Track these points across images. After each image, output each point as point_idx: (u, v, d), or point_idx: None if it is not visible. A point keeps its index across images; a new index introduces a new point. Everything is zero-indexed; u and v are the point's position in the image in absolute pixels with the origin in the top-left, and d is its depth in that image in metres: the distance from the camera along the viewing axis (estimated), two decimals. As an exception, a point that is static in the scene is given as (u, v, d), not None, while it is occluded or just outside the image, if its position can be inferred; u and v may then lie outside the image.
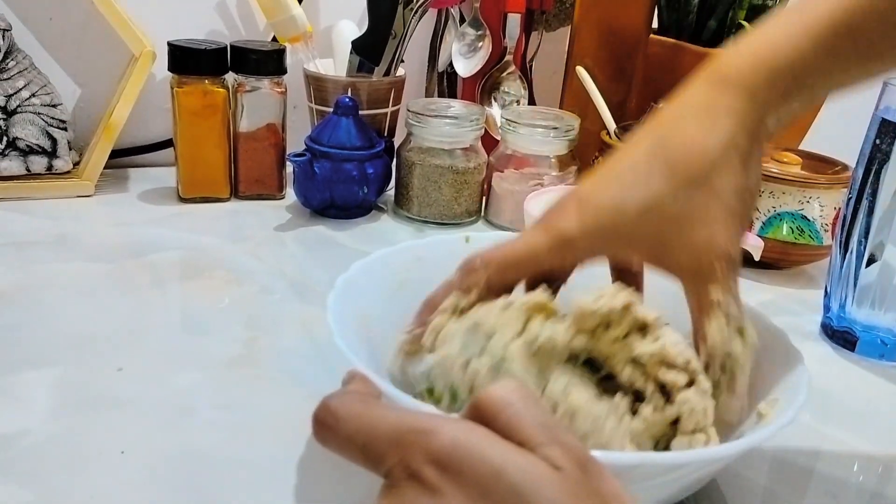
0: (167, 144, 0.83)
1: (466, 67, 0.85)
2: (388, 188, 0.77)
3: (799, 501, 0.42)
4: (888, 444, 0.48)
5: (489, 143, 0.78)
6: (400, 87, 0.78)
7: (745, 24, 0.79)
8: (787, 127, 0.39)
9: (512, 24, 0.84)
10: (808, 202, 0.67)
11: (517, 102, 0.86)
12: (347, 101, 0.71)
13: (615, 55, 0.79)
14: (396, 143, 0.77)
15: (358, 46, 0.76)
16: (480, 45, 0.84)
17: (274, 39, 0.80)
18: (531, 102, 0.88)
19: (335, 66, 0.81)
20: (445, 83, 0.89)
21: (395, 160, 0.76)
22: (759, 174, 0.37)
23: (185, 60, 0.71)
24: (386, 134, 0.79)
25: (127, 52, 0.74)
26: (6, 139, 0.72)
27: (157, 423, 0.43)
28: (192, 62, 0.71)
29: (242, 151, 0.75)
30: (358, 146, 0.71)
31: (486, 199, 0.77)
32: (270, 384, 0.48)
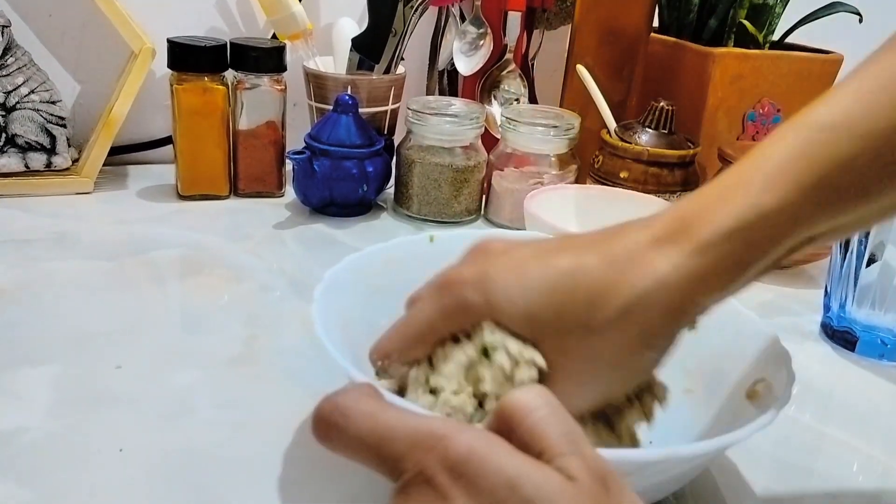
0: (166, 142, 0.82)
1: (467, 65, 0.85)
2: (387, 186, 0.77)
3: (798, 501, 0.42)
4: (888, 444, 0.48)
5: (489, 141, 0.77)
6: (400, 85, 0.78)
7: (745, 22, 0.79)
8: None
9: (512, 22, 0.84)
10: (808, 202, 0.67)
11: (517, 101, 0.86)
12: (347, 98, 0.71)
13: (616, 54, 0.79)
14: (396, 141, 0.77)
15: (358, 44, 0.76)
16: (481, 43, 0.84)
17: (274, 37, 0.80)
18: (531, 101, 0.88)
19: (335, 63, 0.81)
20: (446, 81, 0.89)
21: (394, 158, 0.76)
22: (658, 357, 0.32)
23: (184, 57, 0.71)
24: (386, 132, 0.79)
25: (126, 48, 0.74)
26: (5, 136, 0.72)
27: (155, 421, 0.43)
28: (191, 59, 0.71)
29: (242, 149, 0.75)
30: (358, 144, 0.71)
31: (485, 197, 0.77)
32: (270, 382, 0.48)
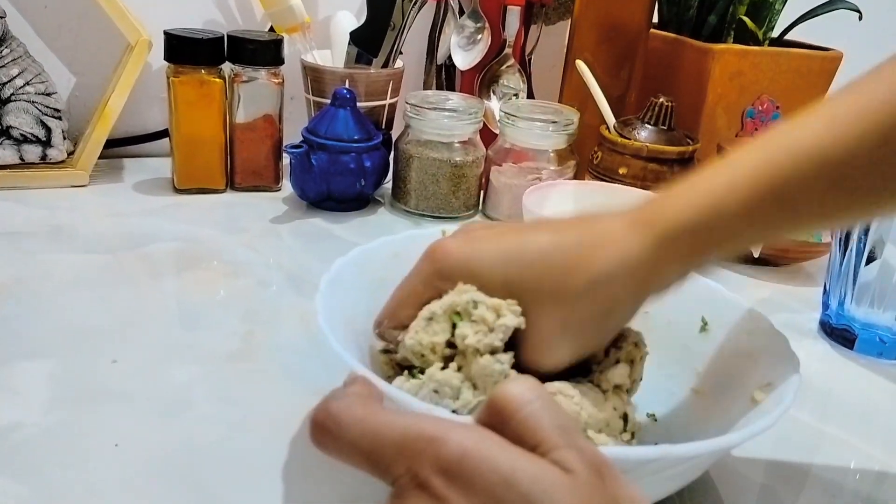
0: (163, 134, 0.82)
1: (465, 60, 0.84)
2: (385, 181, 0.76)
3: (796, 499, 0.42)
4: (886, 442, 0.48)
5: (487, 136, 0.77)
6: (398, 79, 0.78)
7: (745, 19, 0.79)
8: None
9: (511, 17, 0.83)
10: (807, 199, 0.67)
11: (516, 96, 0.85)
12: (345, 92, 0.71)
13: (615, 50, 0.79)
14: (394, 135, 0.77)
15: (356, 38, 0.76)
16: (479, 37, 0.84)
17: (271, 30, 0.79)
18: (530, 96, 0.88)
19: (333, 57, 0.81)
20: (444, 76, 0.89)
21: (392, 153, 0.76)
22: (620, 322, 0.36)
23: (181, 50, 0.70)
24: (384, 126, 0.79)
25: (123, 40, 0.74)
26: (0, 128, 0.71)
27: (152, 416, 0.43)
28: (188, 51, 0.71)
29: (239, 142, 0.75)
30: (355, 138, 0.71)
31: (483, 192, 0.77)
32: (267, 378, 0.47)
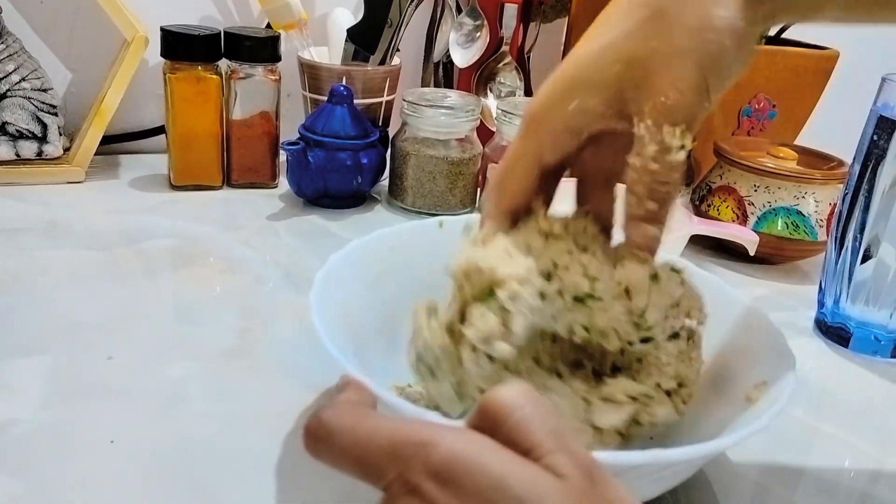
0: (159, 131, 0.82)
1: (463, 57, 0.84)
2: (382, 178, 0.76)
3: (791, 497, 0.42)
4: (881, 440, 0.48)
5: (485, 134, 0.77)
6: (395, 76, 0.78)
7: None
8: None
9: (509, 14, 0.83)
10: (803, 197, 0.67)
11: (513, 93, 0.85)
12: (342, 89, 0.71)
13: (612, 47, 0.79)
14: (391, 132, 0.77)
15: (353, 35, 0.75)
16: (477, 35, 0.84)
17: (268, 26, 0.79)
18: (527, 94, 0.88)
19: (330, 54, 0.81)
20: (441, 73, 0.89)
21: (389, 150, 0.76)
22: (745, 63, 0.37)
23: (178, 46, 0.70)
24: (381, 123, 0.78)
25: (119, 36, 0.73)
26: (-4, 124, 0.71)
27: (147, 412, 0.43)
28: (185, 48, 0.70)
29: (235, 139, 0.75)
30: (352, 135, 0.71)
31: (481, 190, 0.77)
32: (263, 375, 0.47)
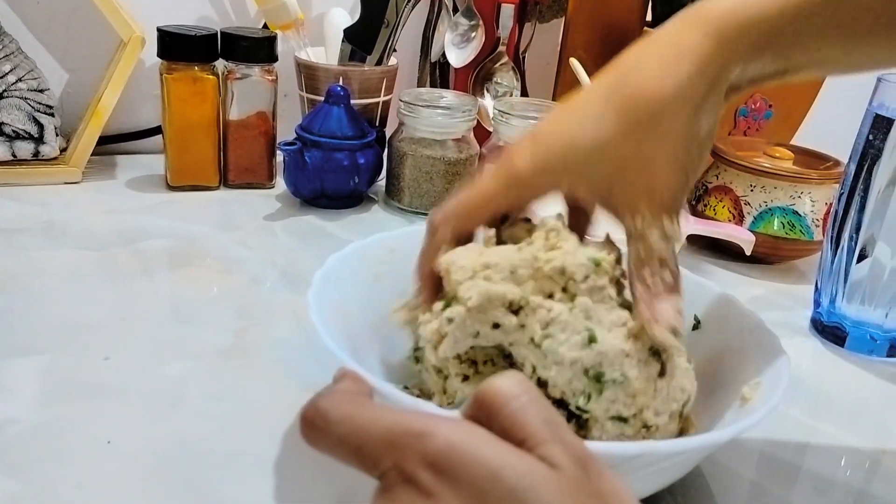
0: (156, 131, 0.82)
1: (459, 58, 0.84)
2: (379, 178, 0.76)
3: (786, 495, 0.42)
4: (876, 439, 0.48)
5: (481, 134, 0.77)
6: (392, 76, 0.78)
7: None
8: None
9: (505, 14, 0.83)
10: (799, 197, 0.67)
11: (510, 94, 0.85)
12: (339, 90, 0.71)
13: (608, 47, 0.79)
14: (388, 133, 0.77)
15: (350, 35, 0.75)
16: (473, 35, 0.84)
17: (265, 26, 0.79)
18: (524, 94, 0.88)
19: (327, 54, 0.81)
20: (438, 73, 0.89)
21: (386, 150, 0.76)
22: (712, 126, 0.36)
23: (174, 46, 0.70)
24: (377, 124, 0.78)
25: (116, 37, 0.73)
26: (-8, 124, 0.71)
27: (144, 413, 0.43)
28: (181, 48, 0.70)
29: (232, 139, 0.75)
30: (349, 136, 0.71)
31: (477, 190, 0.77)
32: (260, 375, 0.47)
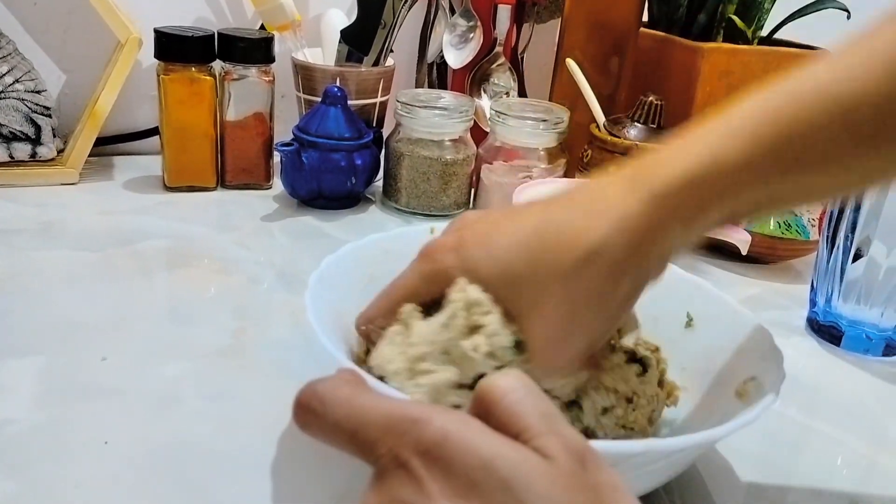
0: (153, 132, 0.82)
1: (456, 58, 0.84)
2: (376, 179, 0.76)
3: (784, 495, 0.43)
4: (872, 437, 0.48)
5: (478, 134, 0.77)
6: (389, 77, 0.78)
7: (734, 18, 0.79)
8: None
9: (502, 15, 0.83)
10: (795, 197, 0.67)
11: (507, 94, 0.86)
12: (336, 90, 0.71)
13: (605, 48, 0.79)
14: (385, 133, 0.77)
15: (347, 36, 0.76)
16: (471, 36, 0.84)
17: (262, 27, 0.79)
18: (521, 94, 0.88)
19: (324, 55, 0.81)
20: (435, 74, 0.89)
21: (383, 151, 0.76)
22: (631, 291, 0.34)
23: (171, 47, 0.70)
24: (375, 124, 0.79)
25: (113, 38, 0.73)
26: (-11, 125, 0.71)
27: (142, 413, 0.43)
28: (179, 49, 0.70)
29: (229, 140, 0.75)
30: (346, 136, 0.71)
31: (474, 191, 0.77)
32: (257, 375, 0.47)
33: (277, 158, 0.73)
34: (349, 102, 0.72)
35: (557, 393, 0.36)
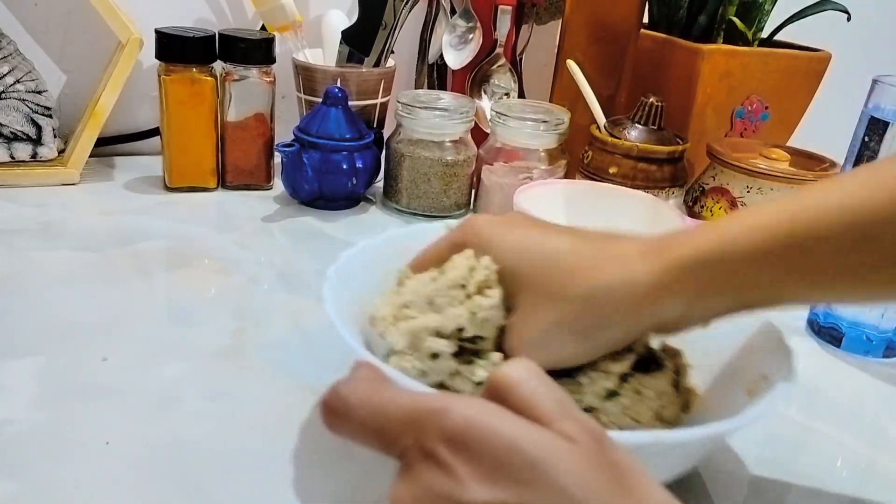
0: (154, 133, 0.82)
1: (457, 59, 0.84)
2: (377, 180, 0.76)
3: (783, 495, 0.43)
4: (872, 439, 0.48)
5: (479, 135, 0.77)
6: (390, 78, 0.78)
7: (735, 19, 0.79)
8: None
9: (503, 16, 0.83)
10: (795, 198, 0.67)
11: (507, 95, 0.86)
12: (337, 91, 0.71)
13: (605, 49, 0.79)
14: (386, 134, 0.77)
15: (348, 37, 0.76)
16: (471, 37, 0.84)
17: (263, 28, 0.79)
18: (521, 95, 0.88)
19: (324, 56, 0.81)
20: (435, 75, 0.89)
21: (384, 152, 0.76)
22: (616, 341, 0.36)
23: (172, 48, 0.70)
24: (375, 125, 0.79)
25: (114, 38, 0.73)
26: (-10, 125, 0.71)
27: (142, 413, 0.43)
28: (179, 50, 0.70)
29: (230, 141, 0.75)
30: (347, 137, 0.71)
31: (475, 192, 0.77)
32: (258, 375, 0.47)
33: (278, 159, 0.73)
34: (350, 103, 0.72)
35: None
